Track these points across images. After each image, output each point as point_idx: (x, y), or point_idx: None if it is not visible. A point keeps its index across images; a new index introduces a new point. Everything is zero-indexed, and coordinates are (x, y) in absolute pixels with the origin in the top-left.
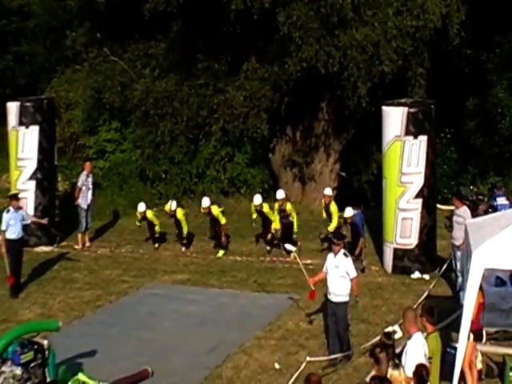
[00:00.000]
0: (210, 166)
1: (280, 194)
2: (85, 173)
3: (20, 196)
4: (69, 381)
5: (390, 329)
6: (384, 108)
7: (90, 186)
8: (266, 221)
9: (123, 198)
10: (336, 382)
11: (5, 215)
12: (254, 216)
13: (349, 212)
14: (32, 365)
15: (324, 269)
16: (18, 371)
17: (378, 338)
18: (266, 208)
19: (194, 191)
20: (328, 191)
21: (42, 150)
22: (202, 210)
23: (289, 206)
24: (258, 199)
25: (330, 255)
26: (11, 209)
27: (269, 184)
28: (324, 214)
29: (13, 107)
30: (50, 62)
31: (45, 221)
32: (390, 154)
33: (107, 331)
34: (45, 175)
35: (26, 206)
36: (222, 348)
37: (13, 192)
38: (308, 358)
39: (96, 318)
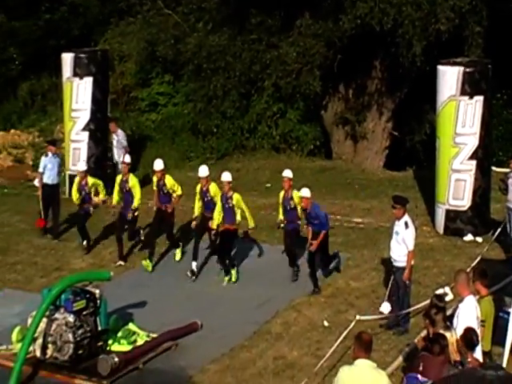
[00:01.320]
0: (261, 121)
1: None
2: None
3: (74, 147)
4: (119, 330)
5: (441, 291)
6: (439, 67)
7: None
8: None
9: (175, 150)
10: (385, 342)
11: (43, 159)
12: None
13: (305, 192)
14: (84, 313)
15: None
16: (71, 318)
17: (429, 299)
18: None
19: (245, 146)
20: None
21: (95, 101)
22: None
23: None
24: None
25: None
26: (49, 153)
27: (320, 141)
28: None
29: (67, 58)
30: (104, 14)
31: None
32: (445, 114)
33: (158, 283)
34: (98, 126)
35: (79, 157)
36: (271, 303)
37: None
38: (358, 317)
39: (138, 273)
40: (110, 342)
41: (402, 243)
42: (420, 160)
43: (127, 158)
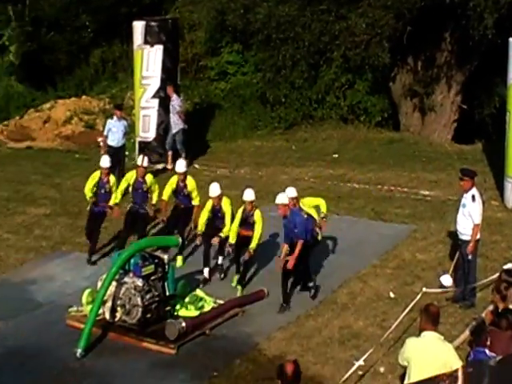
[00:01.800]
0: (329, 92)
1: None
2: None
3: (143, 114)
4: (187, 296)
5: (509, 265)
6: (511, 40)
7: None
8: None
9: (243, 119)
10: (451, 316)
11: (108, 121)
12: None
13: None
14: (152, 278)
15: None
16: (139, 283)
17: (497, 274)
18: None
19: (313, 116)
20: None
21: (165, 69)
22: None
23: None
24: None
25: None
26: (115, 117)
27: (388, 113)
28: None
29: (138, 26)
30: None
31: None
32: None
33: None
34: (168, 94)
35: (149, 124)
36: (337, 273)
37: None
38: (424, 289)
39: None
40: (177, 307)
41: (469, 216)
42: (489, 133)
43: (145, 162)
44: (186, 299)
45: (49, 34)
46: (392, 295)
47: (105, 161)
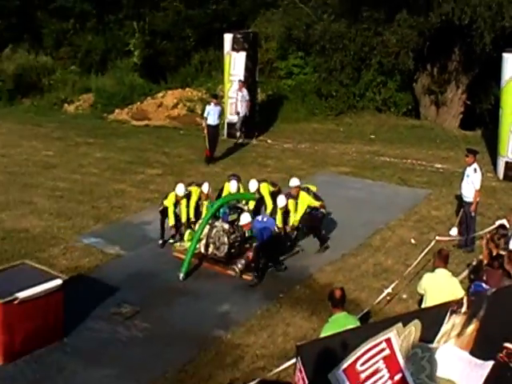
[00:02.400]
0: (368, 88)
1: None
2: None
3: (230, 102)
4: None
5: (501, 221)
6: (504, 54)
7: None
8: None
9: (304, 108)
10: (456, 258)
11: (207, 107)
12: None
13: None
14: (236, 223)
15: None
16: (226, 226)
17: (492, 227)
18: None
19: (356, 107)
20: (295, 182)
21: (247, 69)
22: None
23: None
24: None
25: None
26: (212, 103)
27: (412, 106)
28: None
29: (228, 37)
30: (255, 6)
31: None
32: (507, 89)
33: None
34: (249, 87)
35: (235, 109)
36: (372, 224)
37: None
38: (437, 238)
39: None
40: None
41: (471, 184)
42: (486, 123)
43: (205, 188)
44: None
45: (162, 43)
46: (413, 241)
47: (180, 188)
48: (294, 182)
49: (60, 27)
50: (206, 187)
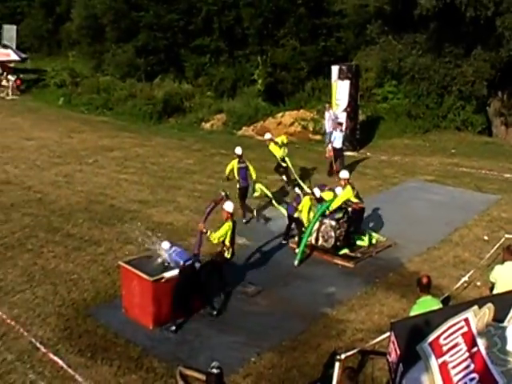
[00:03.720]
0: (450, 111)
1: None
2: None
3: (339, 121)
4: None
5: None
6: None
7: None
8: None
9: (397, 127)
10: None
11: (334, 132)
12: None
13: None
14: (341, 220)
15: None
16: (333, 223)
17: None
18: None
19: (439, 126)
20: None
21: (350, 94)
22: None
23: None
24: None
25: None
26: (337, 130)
27: (485, 125)
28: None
29: (335, 69)
30: (356, 44)
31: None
32: None
33: (383, 206)
34: (352, 110)
35: (343, 127)
36: (452, 223)
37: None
38: (506, 235)
39: (378, 197)
40: (355, 238)
41: None
42: None
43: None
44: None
45: (281, 73)
46: (486, 238)
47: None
48: (344, 174)
49: (199, 61)
50: (317, 192)
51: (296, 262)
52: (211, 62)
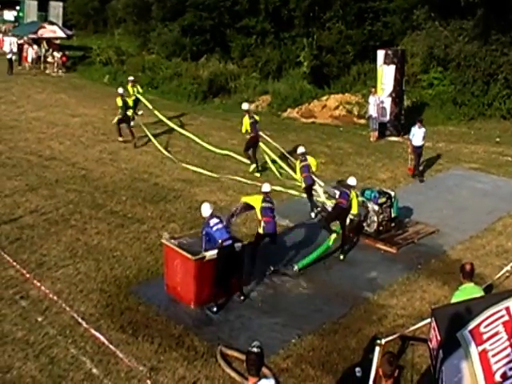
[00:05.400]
0: (495, 99)
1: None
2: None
3: (382, 106)
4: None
5: None
6: None
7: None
8: None
9: (442, 114)
10: None
11: (412, 129)
12: None
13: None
14: (384, 205)
15: None
16: (376, 207)
17: None
18: None
19: (484, 114)
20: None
21: (395, 79)
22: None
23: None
24: None
25: None
26: (417, 126)
27: None
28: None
29: (380, 53)
30: (403, 28)
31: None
32: None
33: (427, 193)
34: (397, 94)
35: (386, 111)
36: (496, 212)
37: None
38: None
39: (422, 184)
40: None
41: None
42: None
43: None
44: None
45: (327, 56)
46: None
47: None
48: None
49: (245, 42)
50: (352, 181)
51: (296, 267)
52: (257, 43)
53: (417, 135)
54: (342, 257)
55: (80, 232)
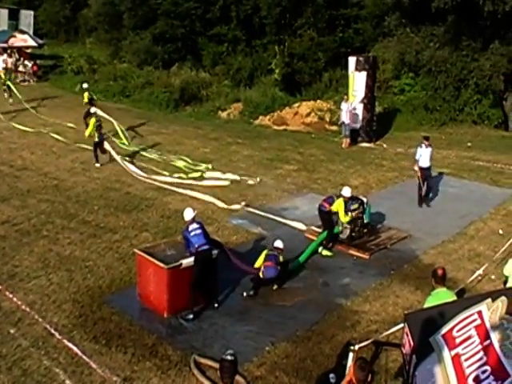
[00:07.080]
0: (466, 104)
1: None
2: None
3: (353, 112)
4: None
5: None
6: None
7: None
8: None
9: (413, 119)
10: None
11: (419, 149)
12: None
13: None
14: (356, 211)
15: None
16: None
17: None
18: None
19: (455, 119)
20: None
21: (367, 85)
22: None
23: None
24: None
25: None
26: (423, 145)
27: (502, 119)
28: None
29: (352, 60)
30: (374, 35)
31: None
32: None
33: (399, 197)
34: (368, 101)
35: (358, 118)
36: (468, 217)
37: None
38: None
39: (393, 189)
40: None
41: None
42: None
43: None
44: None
45: (298, 63)
46: (501, 232)
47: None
48: (346, 191)
49: (216, 50)
50: (347, 192)
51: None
52: (228, 50)
53: (424, 156)
54: (324, 252)
55: (52, 242)
